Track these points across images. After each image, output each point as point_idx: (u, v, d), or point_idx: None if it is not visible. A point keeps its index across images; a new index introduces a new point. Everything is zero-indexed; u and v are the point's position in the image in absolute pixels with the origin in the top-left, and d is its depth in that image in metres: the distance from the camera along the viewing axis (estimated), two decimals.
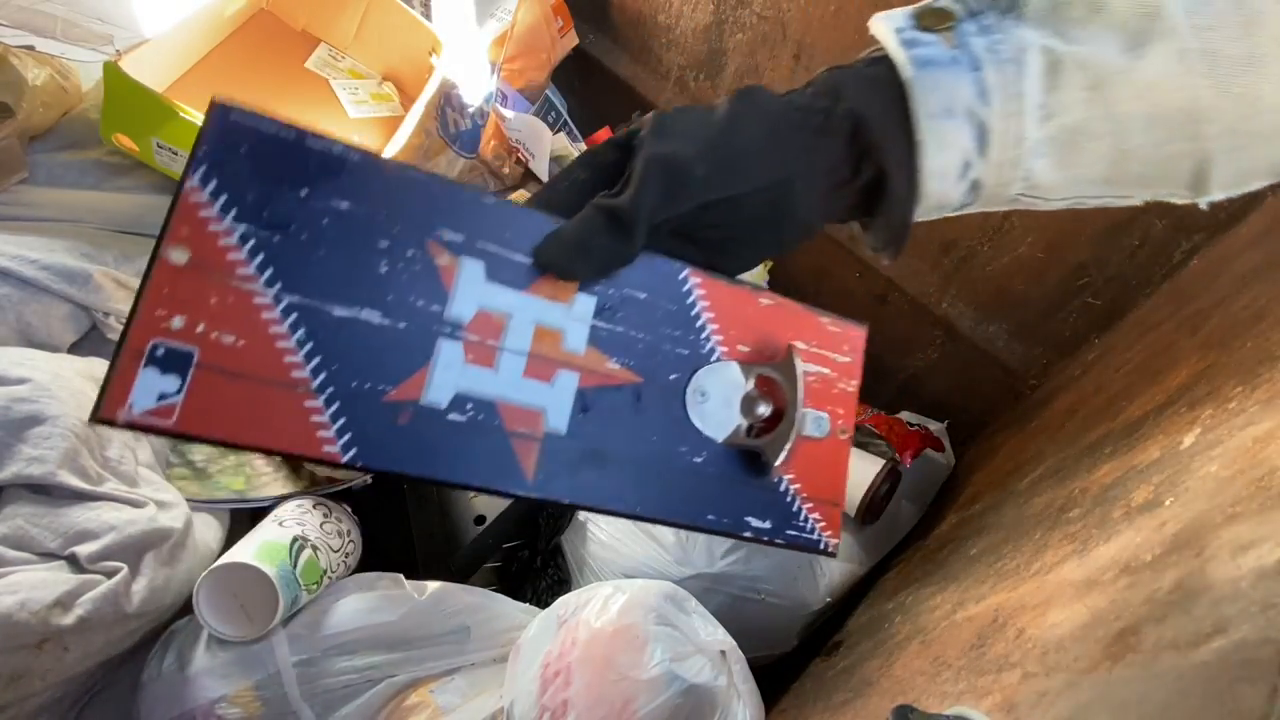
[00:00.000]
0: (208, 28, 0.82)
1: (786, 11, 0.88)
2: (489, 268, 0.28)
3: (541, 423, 0.29)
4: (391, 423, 0.27)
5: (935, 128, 0.28)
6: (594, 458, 0.30)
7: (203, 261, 0.25)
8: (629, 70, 1.14)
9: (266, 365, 0.25)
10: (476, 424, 0.28)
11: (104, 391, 0.23)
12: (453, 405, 0.27)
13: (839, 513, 0.34)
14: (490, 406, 0.28)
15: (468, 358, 0.28)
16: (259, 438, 0.25)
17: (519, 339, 0.29)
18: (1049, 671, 0.34)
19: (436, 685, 0.58)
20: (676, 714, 0.52)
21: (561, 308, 0.30)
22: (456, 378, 0.28)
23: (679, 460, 0.31)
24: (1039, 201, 0.31)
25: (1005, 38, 0.28)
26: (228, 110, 0.26)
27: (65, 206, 0.65)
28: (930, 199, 0.30)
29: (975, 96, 0.28)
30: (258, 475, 0.66)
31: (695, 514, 0.31)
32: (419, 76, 0.88)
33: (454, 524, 0.72)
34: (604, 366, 0.30)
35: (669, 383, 0.31)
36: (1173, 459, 0.41)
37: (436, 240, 0.28)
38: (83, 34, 0.62)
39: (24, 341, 0.58)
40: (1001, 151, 0.28)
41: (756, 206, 0.30)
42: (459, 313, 0.28)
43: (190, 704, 0.52)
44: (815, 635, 0.79)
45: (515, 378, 0.29)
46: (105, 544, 0.50)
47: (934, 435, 0.88)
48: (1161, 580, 0.31)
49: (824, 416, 0.33)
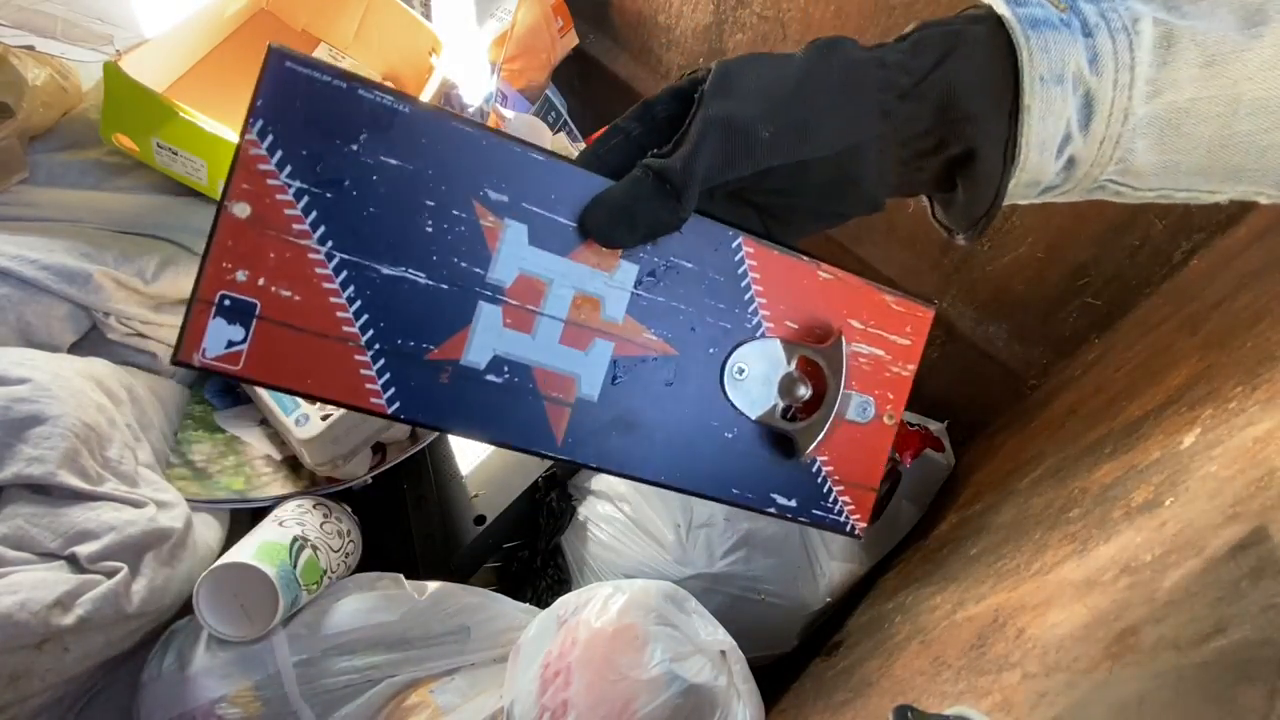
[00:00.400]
0: (208, 28, 0.82)
1: (786, 11, 0.88)
2: (532, 231, 0.29)
3: (574, 389, 0.30)
4: (433, 380, 0.28)
5: (1044, 93, 0.26)
6: (624, 425, 0.31)
7: (262, 216, 0.26)
8: (629, 70, 1.14)
9: (320, 320, 0.27)
10: (512, 386, 0.29)
11: (181, 336, 0.26)
12: (490, 367, 0.29)
13: (873, 497, 0.33)
14: (526, 370, 0.29)
15: (506, 322, 0.29)
16: (314, 387, 0.27)
17: (557, 306, 0.29)
18: (1049, 671, 0.34)
19: (436, 685, 0.58)
20: (676, 714, 0.52)
21: (603, 276, 0.30)
22: (495, 341, 0.29)
23: (709, 434, 0.31)
24: (1126, 190, 0.28)
25: (1116, 5, 0.26)
26: (283, 57, 0.26)
27: (65, 206, 0.65)
28: (1029, 171, 0.27)
29: (1087, 63, 0.26)
30: (258, 475, 0.66)
31: (721, 487, 0.32)
32: (419, 76, 0.88)
33: (454, 524, 0.72)
34: (641, 337, 0.31)
35: (707, 356, 0.31)
36: (1173, 459, 0.41)
37: (482, 201, 0.28)
38: (83, 34, 0.62)
39: (24, 341, 0.58)
40: (1106, 126, 0.26)
41: (823, 173, 0.28)
42: (500, 276, 0.29)
43: (190, 704, 0.52)
44: (815, 635, 0.79)
45: (551, 344, 0.30)
46: (105, 544, 0.50)
47: (934, 435, 0.88)
48: (1161, 580, 0.31)
49: (870, 401, 0.33)
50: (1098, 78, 0.26)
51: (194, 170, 0.67)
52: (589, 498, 0.78)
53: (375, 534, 0.69)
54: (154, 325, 0.66)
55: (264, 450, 0.68)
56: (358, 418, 0.64)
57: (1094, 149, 0.27)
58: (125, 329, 0.64)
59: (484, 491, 0.74)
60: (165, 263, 0.65)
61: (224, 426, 0.69)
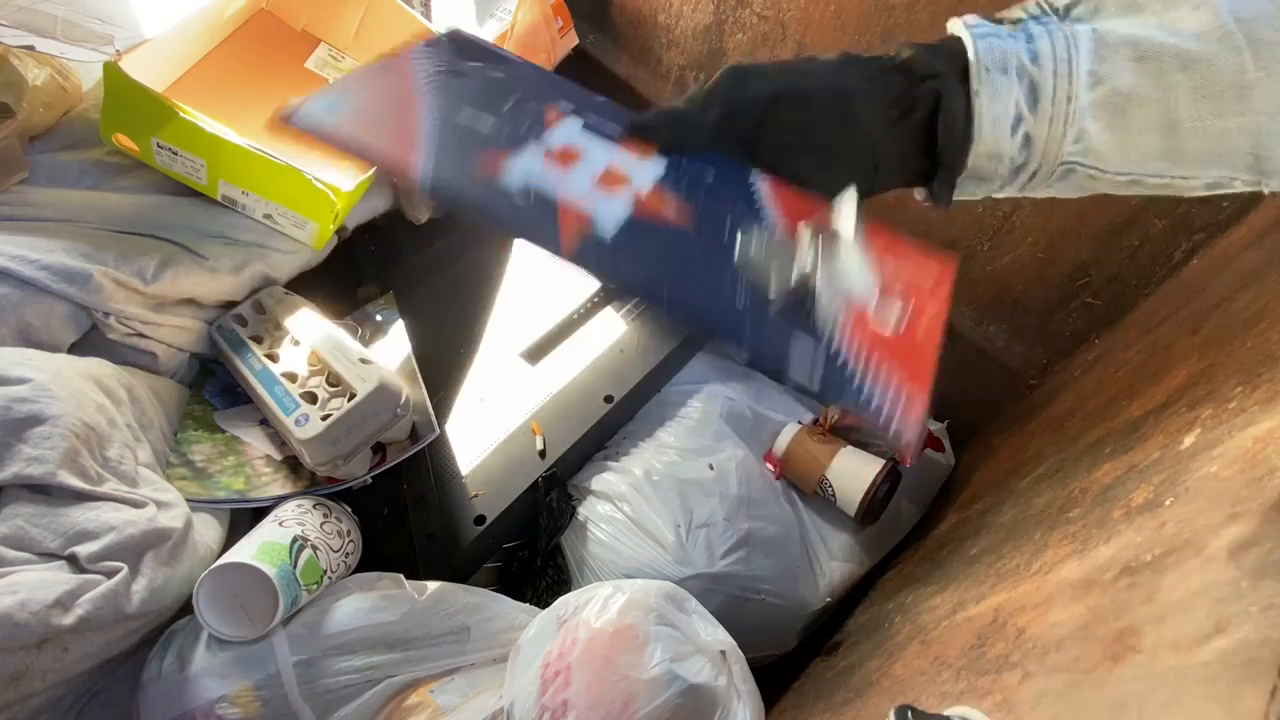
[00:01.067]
0: (208, 28, 0.82)
1: (786, 11, 0.88)
2: (586, 124, 0.37)
3: (591, 226, 0.34)
4: (468, 175, 0.34)
5: (989, 79, 0.31)
6: (632, 260, 0.34)
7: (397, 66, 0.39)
8: (629, 70, 1.14)
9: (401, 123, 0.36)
10: (535, 208, 0.34)
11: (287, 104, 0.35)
12: (520, 191, 0.34)
13: (922, 406, 0.33)
14: (551, 203, 0.34)
15: (545, 164, 0.35)
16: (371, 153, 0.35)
17: (592, 166, 0.35)
18: (1049, 671, 0.34)
19: (436, 685, 0.58)
20: (676, 714, 0.52)
21: (637, 161, 0.36)
22: (528, 172, 0.35)
23: (720, 294, 0.33)
24: (1098, 174, 0.32)
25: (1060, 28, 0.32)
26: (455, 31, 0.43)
27: (65, 206, 0.64)
28: (985, 143, 0.32)
29: (1029, 59, 0.31)
30: (258, 475, 0.66)
31: (731, 332, 0.33)
32: None
33: (454, 524, 0.72)
34: (661, 206, 0.35)
35: (720, 237, 0.34)
36: (1173, 459, 0.41)
37: (554, 105, 0.37)
38: (83, 34, 0.62)
39: (24, 341, 0.58)
40: (1052, 106, 0.31)
41: (823, 108, 0.32)
42: (551, 142, 0.36)
43: (190, 704, 0.52)
44: (815, 635, 0.79)
45: (579, 187, 0.35)
46: (105, 544, 0.50)
47: (934, 435, 0.88)
48: (1161, 580, 0.31)
49: (892, 301, 0.35)
50: (1039, 69, 0.31)
51: (194, 170, 0.67)
52: (589, 498, 0.78)
53: (375, 534, 0.69)
54: (154, 325, 0.66)
55: (264, 450, 0.68)
56: (358, 418, 0.64)
57: (1045, 127, 0.31)
58: (125, 329, 0.64)
59: (484, 491, 0.74)
60: (165, 263, 0.65)
61: (224, 426, 0.69)
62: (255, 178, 0.67)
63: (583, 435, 0.78)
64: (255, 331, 0.72)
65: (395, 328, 0.83)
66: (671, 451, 0.79)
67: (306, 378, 0.68)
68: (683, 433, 0.81)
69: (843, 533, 0.82)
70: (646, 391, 0.84)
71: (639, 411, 0.84)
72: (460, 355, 0.86)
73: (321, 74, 0.91)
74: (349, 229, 0.84)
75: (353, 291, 0.89)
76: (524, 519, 0.76)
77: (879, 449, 0.84)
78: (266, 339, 0.72)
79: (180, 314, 0.68)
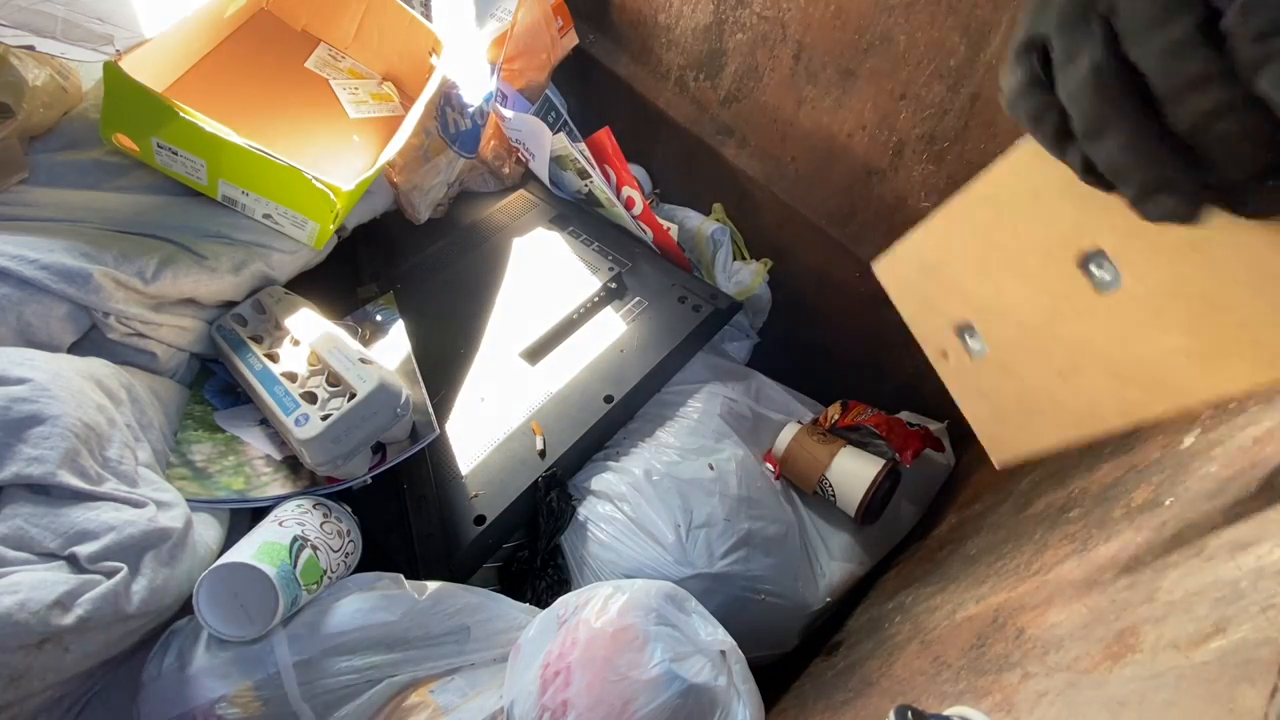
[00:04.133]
0: (208, 28, 0.82)
1: (786, 11, 0.88)
2: None
3: None
4: None
5: None
6: None
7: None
8: (629, 70, 1.14)
9: None
10: None
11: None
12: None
13: None
14: None
15: None
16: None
17: None
18: (1049, 671, 0.34)
19: (436, 685, 0.58)
20: (676, 714, 0.52)
21: None
22: None
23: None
24: None
25: None
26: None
27: (65, 206, 0.65)
28: None
29: None
30: (258, 475, 0.66)
31: None
32: (419, 76, 0.88)
33: (454, 524, 0.72)
34: None
35: None
36: (1173, 459, 0.41)
37: None
38: (83, 34, 0.62)
39: (24, 341, 0.58)
40: None
41: None
42: None
43: (190, 704, 0.52)
44: (815, 635, 0.79)
45: None
46: (105, 544, 0.50)
47: (934, 435, 0.88)
48: (1161, 580, 0.31)
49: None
50: None
51: (194, 170, 0.67)
52: (589, 498, 0.78)
53: (375, 534, 0.69)
54: (154, 325, 0.66)
55: (264, 450, 0.68)
56: (358, 418, 0.64)
57: None
58: (125, 329, 0.64)
59: (484, 491, 0.74)
60: (165, 262, 0.65)
61: (224, 426, 0.69)
62: (255, 177, 0.67)
63: (583, 435, 0.78)
64: (255, 331, 0.72)
65: (395, 328, 0.83)
66: (671, 451, 0.79)
67: (306, 378, 0.68)
68: (683, 433, 0.81)
69: (843, 533, 0.82)
70: (646, 391, 0.84)
71: (639, 411, 0.84)
72: (460, 355, 0.86)
73: (321, 74, 0.91)
74: (349, 229, 0.84)
75: (353, 291, 0.89)
76: (524, 519, 0.76)
77: (879, 449, 0.84)
78: (266, 339, 0.72)
79: (180, 314, 0.68)
